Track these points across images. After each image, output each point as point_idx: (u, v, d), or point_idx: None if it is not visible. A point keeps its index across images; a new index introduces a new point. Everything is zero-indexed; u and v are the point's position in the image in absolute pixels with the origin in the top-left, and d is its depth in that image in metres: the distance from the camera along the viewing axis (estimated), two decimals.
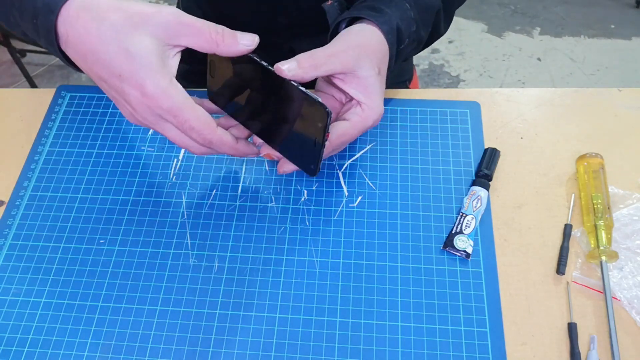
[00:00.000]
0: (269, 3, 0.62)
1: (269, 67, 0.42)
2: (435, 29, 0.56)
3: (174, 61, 0.40)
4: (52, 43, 0.40)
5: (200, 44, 0.39)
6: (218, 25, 0.40)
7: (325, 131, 0.41)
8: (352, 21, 0.49)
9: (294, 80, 0.41)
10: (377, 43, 0.46)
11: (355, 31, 0.47)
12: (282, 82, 0.42)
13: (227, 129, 0.46)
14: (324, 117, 0.40)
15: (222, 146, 0.42)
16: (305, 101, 0.41)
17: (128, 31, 0.37)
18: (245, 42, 0.40)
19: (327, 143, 0.43)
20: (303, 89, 0.41)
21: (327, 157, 0.48)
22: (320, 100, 0.40)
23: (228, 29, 0.40)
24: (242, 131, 0.47)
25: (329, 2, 0.53)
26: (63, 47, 0.40)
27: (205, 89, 0.48)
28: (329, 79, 0.47)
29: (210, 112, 0.46)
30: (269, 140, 0.47)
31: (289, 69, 0.41)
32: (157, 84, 0.37)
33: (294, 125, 0.43)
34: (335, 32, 0.50)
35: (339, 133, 0.45)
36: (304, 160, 0.45)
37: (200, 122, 0.40)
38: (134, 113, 0.40)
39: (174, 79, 0.39)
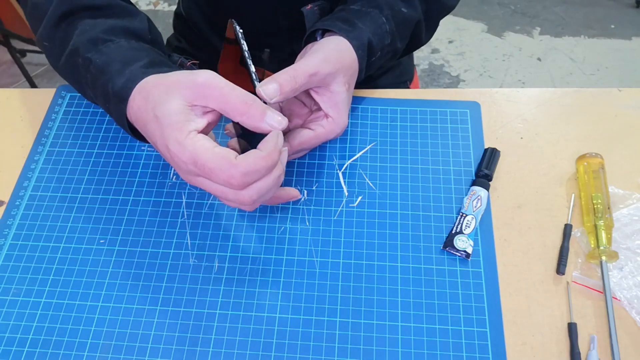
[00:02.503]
0: (270, 6, 0.62)
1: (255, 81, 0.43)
2: (415, 39, 0.57)
3: (202, 119, 0.40)
4: (124, 125, 0.45)
5: (226, 110, 0.39)
6: (250, 95, 0.40)
7: None
8: (326, 30, 0.51)
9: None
10: (349, 59, 0.48)
11: (334, 45, 0.48)
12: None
13: None
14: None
15: (254, 174, 0.39)
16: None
17: (160, 99, 0.40)
18: (272, 122, 0.39)
19: (286, 146, 0.45)
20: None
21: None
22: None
23: (260, 102, 0.40)
24: None
25: (309, 6, 0.54)
26: (133, 125, 0.45)
27: None
28: None
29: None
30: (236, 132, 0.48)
31: (270, 95, 0.42)
32: (176, 138, 0.39)
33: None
34: (310, 36, 0.52)
35: (302, 140, 0.48)
36: None
37: (217, 159, 0.38)
38: (178, 172, 0.42)
39: (194, 132, 0.39)
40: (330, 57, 0.46)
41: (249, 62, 0.44)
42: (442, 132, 0.55)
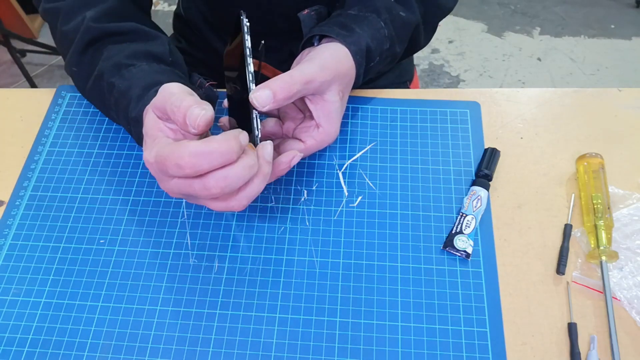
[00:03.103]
0: (268, 8, 0.62)
1: (251, 83, 0.42)
2: (413, 42, 0.57)
3: (170, 126, 0.41)
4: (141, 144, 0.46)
5: (167, 110, 0.40)
6: (201, 105, 0.39)
7: None
8: (323, 35, 0.50)
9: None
10: (346, 67, 0.47)
11: (331, 52, 0.47)
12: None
13: None
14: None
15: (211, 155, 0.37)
16: (251, 126, 0.42)
17: (148, 117, 0.42)
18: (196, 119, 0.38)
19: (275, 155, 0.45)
20: (256, 114, 0.41)
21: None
22: (258, 134, 0.41)
23: (202, 115, 0.38)
24: None
25: (306, 11, 0.54)
26: None
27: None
28: None
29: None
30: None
31: (262, 104, 0.41)
32: (146, 148, 0.41)
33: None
34: (307, 41, 0.51)
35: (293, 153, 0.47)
36: None
37: (169, 144, 0.38)
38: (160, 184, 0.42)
39: (160, 135, 0.40)
40: (327, 64, 0.46)
41: (249, 60, 0.42)
42: (442, 132, 0.55)
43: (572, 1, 2.00)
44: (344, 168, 0.53)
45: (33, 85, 1.70)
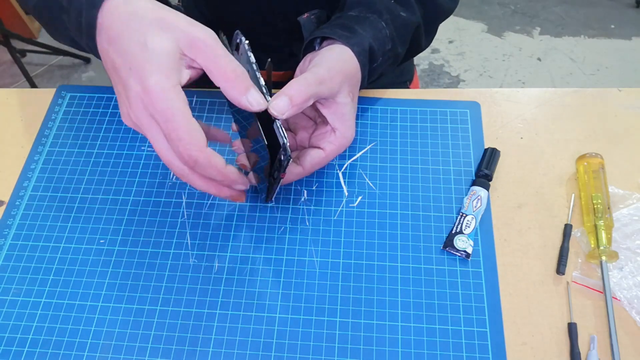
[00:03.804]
0: (269, 8, 0.62)
1: (266, 95, 0.41)
2: (414, 44, 0.56)
3: (186, 72, 0.39)
4: (92, 37, 0.41)
5: (212, 71, 0.38)
6: (242, 68, 0.39)
7: (280, 170, 0.41)
8: (325, 37, 0.50)
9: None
10: (353, 68, 0.47)
11: (336, 54, 0.47)
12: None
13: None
14: (283, 160, 0.40)
15: (208, 168, 0.38)
16: (276, 137, 0.41)
17: (153, 29, 0.37)
18: (252, 100, 0.38)
19: (300, 170, 0.46)
20: (278, 124, 0.40)
21: (297, 179, 0.48)
22: (285, 141, 0.39)
23: (248, 78, 0.39)
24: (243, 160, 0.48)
25: (305, 15, 0.53)
26: (97, 39, 0.41)
27: (207, 89, 0.48)
28: None
29: (218, 140, 0.46)
30: (246, 149, 0.47)
31: (281, 110, 0.40)
32: (159, 81, 0.37)
33: (266, 150, 0.42)
34: (308, 46, 0.50)
35: (314, 162, 0.47)
36: (265, 184, 0.47)
37: (191, 134, 0.37)
38: (129, 111, 0.39)
39: (179, 86, 0.38)
40: (335, 66, 0.45)
41: (258, 74, 0.41)
42: (442, 132, 0.55)
43: (572, 1, 2.00)
44: (344, 168, 0.53)
45: (33, 85, 1.70)
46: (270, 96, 0.41)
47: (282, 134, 0.39)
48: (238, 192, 0.43)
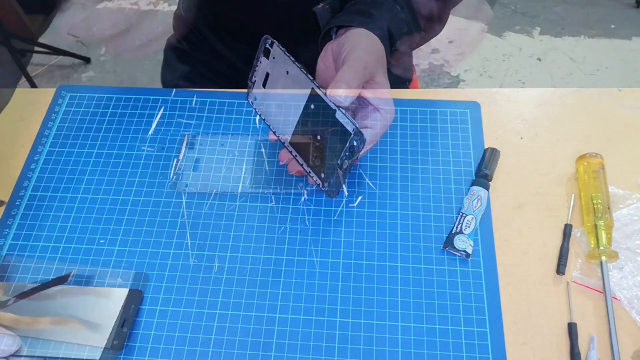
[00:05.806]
0: (272, 11, 0.62)
1: (318, 89, 0.41)
2: (429, 29, 0.56)
3: None
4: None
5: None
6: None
7: (353, 156, 0.41)
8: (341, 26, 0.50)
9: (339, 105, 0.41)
10: (380, 49, 0.47)
11: (365, 36, 0.47)
12: (323, 100, 0.41)
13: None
14: (357, 145, 0.40)
15: None
16: (340, 126, 0.40)
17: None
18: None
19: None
20: (342, 112, 0.40)
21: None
22: (357, 126, 0.39)
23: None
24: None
25: (320, 5, 0.53)
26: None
27: (207, 90, 0.48)
28: None
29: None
30: (298, 151, 0.47)
31: (345, 98, 0.41)
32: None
33: (324, 143, 0.43)
34: (325, 36, 0.51)
35: (368, 141, 0.46)
36: (326, 178, 0.45)
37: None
38: None
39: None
40: (368, 48, 0.46)
41: (304, 71, 0.43)
42: (442, 132, 0.55)
43: (572, 1, 2.00)
44: (344, 168, 0.53)
45: (33, 85, 1.70)
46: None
47: (351, 120, 0.40)
48: None
